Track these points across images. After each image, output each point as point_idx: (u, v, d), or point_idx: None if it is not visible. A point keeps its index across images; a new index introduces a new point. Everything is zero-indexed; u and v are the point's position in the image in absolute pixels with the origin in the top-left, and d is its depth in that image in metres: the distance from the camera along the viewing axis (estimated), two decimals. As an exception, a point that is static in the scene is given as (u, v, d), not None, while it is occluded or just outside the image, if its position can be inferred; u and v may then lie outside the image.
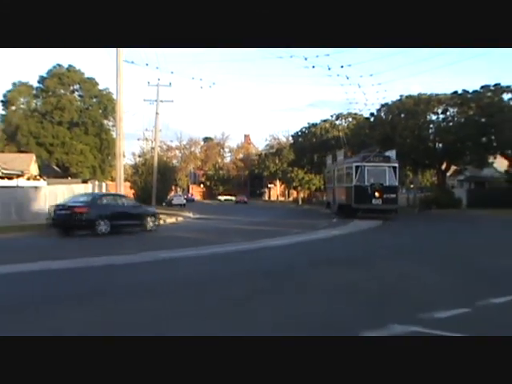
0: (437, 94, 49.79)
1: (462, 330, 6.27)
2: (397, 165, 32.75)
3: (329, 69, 27.68)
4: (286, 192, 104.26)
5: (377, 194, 30.71)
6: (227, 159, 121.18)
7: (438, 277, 10.88)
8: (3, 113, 67.58)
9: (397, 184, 32.11)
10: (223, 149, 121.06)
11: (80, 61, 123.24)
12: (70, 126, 65.18)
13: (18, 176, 46.92)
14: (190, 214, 39.75)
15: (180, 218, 34.40)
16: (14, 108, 66.49)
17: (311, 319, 7.17)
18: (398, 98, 51.24)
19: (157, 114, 43.42)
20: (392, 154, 35.31)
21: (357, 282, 10.10)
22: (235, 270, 12.07)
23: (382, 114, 51.85)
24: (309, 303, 8.30)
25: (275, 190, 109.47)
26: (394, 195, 31.40)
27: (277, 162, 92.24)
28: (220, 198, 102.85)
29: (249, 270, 12.16)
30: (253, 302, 8.39)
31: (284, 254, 15.36)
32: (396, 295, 8.95)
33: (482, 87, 48.06)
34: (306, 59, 27.37)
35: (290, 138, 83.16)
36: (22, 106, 67.29)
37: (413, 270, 11.92)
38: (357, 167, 31.99)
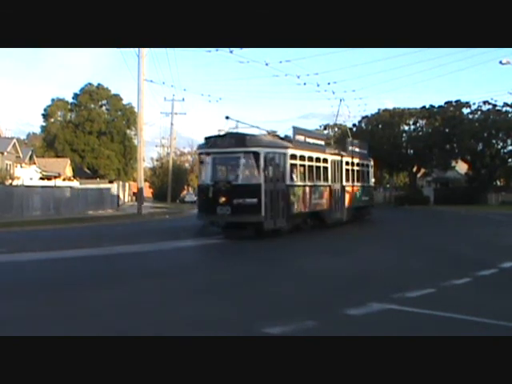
0: (408, 108, 50.10)
1: (428, 306, 6.32)
2: (289, 151, 16.39)
3: (318, 85, 27.61)
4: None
5: (222, 198, 15.07)
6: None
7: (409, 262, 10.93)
8: (44, 124, 67.71)
9: (261, 182, 15.24)
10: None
11: (107, 80, 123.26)
12: (98, 135, 65.28)
13: (56, 177, 46.97)
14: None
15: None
16: (52, 120, 66.53)
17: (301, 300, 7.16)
18: (376, 111, 51.42)
19: (172, 124, 43.51)
20: (362, 145, 24.88)
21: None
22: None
23: (363, 125, 51.94)
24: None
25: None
26: (254, 200, 15.07)
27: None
28: None
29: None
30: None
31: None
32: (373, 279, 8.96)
33: (446, 103, 48.31)
34: (298, 77, 27.42)
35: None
36: (59, 119, 67.29)
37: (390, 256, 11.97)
38: (200, 156, 16.81)
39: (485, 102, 46.43)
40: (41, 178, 46.24)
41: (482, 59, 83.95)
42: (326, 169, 19.23)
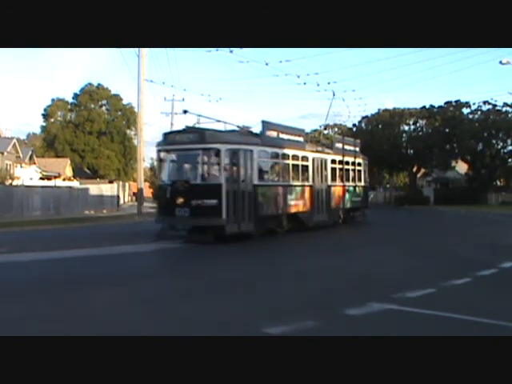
0: (408, 108, 50.15)
1: (428, 306, 6.32)
2: (256, 148, 14.94)
3: (318, 85, 27.51)
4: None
5: (180, 199, 13.72)
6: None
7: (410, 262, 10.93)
8: (44, 124, 67.73)
9: (221, 181, 13.80)
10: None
11: (107, 80, 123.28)
12: (98, 135, 65.26)
13: (56, 177, 46.95)
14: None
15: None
16: (52, 120, 66.52)
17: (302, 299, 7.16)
18: (376, 111, 51.46)
19: (172, 124, 43.35)
20: (354, 143, 23.09)
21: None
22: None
23: (363, 125, 51.98)
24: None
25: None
26: (213, 201, 13.68)
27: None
28: None
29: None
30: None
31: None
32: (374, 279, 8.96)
33: (446, 103, 48.34)
34: (298, 77, 27.31)
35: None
36: (59, 119, 67.28)
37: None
38: (159, 153, 15.31)
39: (485, 102, 46.48)
40: (41, 178, 46.26)
41: (482, 59, 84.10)
42: (306, 167, 17.83)
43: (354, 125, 53.11)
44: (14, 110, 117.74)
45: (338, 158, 20.59)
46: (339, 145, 21.28)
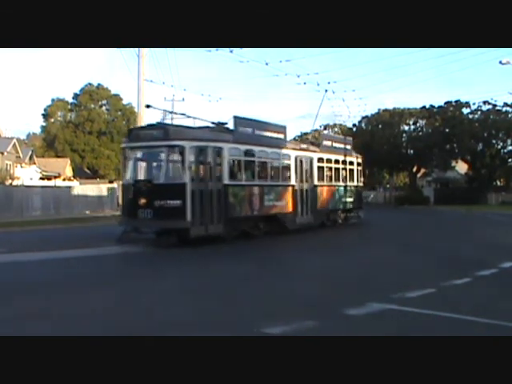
0: (408, 108, 50.17)
1: (428, 306, 6.32)
2: (227, 146, 14.13)
3: (318, 85, 27.46)
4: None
5: (142, 200, 12.98)
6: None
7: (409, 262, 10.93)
8: (44, 124, 67.75)
9: (186, 181, 12.95)
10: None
11: (107, 80, 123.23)
12: (98, 135, 65.27)
13: (56, 177, 46.97)
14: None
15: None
16: (52, 120, 66.54)
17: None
18: (376, 111, 51.51)
19: (172, 125, 43.32)
20: (345, 141, 21.89)
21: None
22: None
23: (363, 125, 52.02)
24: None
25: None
26: (177, 201, 12.91)
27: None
28: None
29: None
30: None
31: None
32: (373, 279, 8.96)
33: (446, 103, 48.34)
34: (298, 76, 27.25)
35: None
36: (59, 119, 67.29)
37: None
38: (124, 151, 14.26)
39: (485, 102, 46.49)
40: (41, 178, 46.27)
41: (482, 59, 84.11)
42: (287, 166, 16.91)
43: (354, 125, 53.17)
44: (14, 109, 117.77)
45: (326, 156, 19.53)
46: (327, 142, 20.31)
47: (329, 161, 19.79)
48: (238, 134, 14.84)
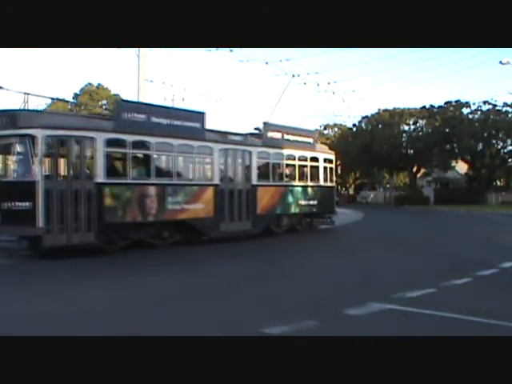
0: (408, 108, 50.15)
1: (428, 306, 6.32)
2: (103, 136, 11.62)
3: (318, 85, 27.40)
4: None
5: None
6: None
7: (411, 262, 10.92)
8: (43, 124, 67.70)
9: (36, 178, 10.68)
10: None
11: (107, 80, 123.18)
12: (99, 135, 65.34)
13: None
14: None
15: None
16: (52, 120, 66.61)
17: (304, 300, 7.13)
18: (376, 111, 51.54)
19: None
20: (307, 134, 18.59)
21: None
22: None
23: (363, 125, 52.01)
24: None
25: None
26: (26, 203, 10.74)
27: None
28: None
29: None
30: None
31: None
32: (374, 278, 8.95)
33: (446, 103, 48.34)
34: (298, 76, 27.16)
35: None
36: (58, 118, 67.36)
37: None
38: None
39: (485, 102, 46.46)
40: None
41: (481, 59, 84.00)
42: (204, 162, 14.36)
43: (354, 125, 53.18)
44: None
45: (273, 150, 16.38)
46: (274, 134, 16.76)
47: (278, 156, 16.63)
48: (121, 122, 12.04)
